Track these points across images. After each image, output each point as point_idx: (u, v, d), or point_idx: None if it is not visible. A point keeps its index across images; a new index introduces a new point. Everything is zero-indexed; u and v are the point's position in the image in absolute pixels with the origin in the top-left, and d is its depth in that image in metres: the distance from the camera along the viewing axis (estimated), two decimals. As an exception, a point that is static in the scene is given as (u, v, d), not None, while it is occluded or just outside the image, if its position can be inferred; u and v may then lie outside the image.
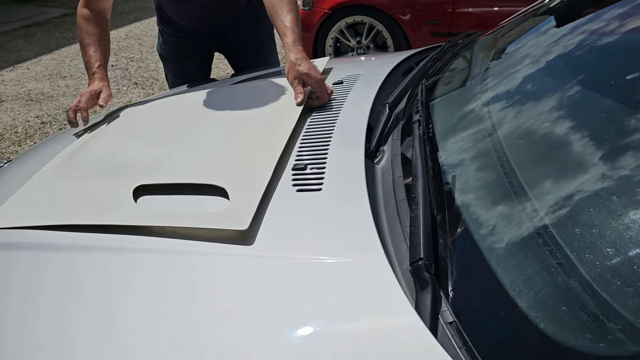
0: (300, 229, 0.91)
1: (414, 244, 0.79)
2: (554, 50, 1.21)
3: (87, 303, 0.86)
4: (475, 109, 1.13)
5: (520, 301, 0.68)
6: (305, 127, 1.26)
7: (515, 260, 0.74)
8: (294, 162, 1.10)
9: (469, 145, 1.04)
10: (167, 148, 1.25)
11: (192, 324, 0.78)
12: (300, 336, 0.73)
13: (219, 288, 0.83)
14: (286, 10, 1.48)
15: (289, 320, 0.75)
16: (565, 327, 0.64)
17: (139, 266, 0.91)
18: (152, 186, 1.09)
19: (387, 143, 1.17)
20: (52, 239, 1.01)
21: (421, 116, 1.11)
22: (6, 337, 0.83)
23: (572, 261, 0.69)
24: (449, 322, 0.71)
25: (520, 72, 1.19)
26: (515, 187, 0.85)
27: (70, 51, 5.76)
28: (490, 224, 0.82)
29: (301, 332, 0.73)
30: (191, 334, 0.76)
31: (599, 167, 0.80)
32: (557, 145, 0.90)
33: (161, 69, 4.86)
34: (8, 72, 5.17)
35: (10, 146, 3.57)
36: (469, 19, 3.72)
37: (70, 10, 7.68)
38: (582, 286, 0.65)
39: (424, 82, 1.34)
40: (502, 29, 1.59)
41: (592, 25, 1.24)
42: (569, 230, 0.73)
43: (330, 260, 0.83)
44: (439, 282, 0.75)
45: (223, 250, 0.89)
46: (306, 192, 1.00)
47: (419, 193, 0.88)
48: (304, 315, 0.75)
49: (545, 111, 0.99)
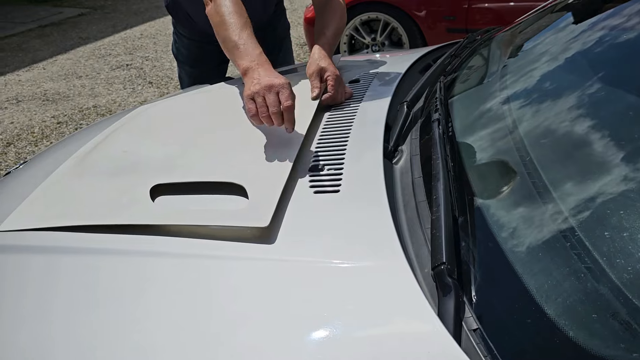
0: (319, 232, 0.90)
1: (436, 248, 0.76)
2: (575, 47, 1.18)
3: (104, 305, 0.85)
4: (495, 107, 1.10)
5: (547, 308, 0.65)
6: (322, 126, 1.24)
7: (541, 265, 0.71)
8: (311, 162, 1.08)
9: (490, 144, 1.01)
10: (183, 147, 1.24)
11: (209, 327, 0.77)
12: (318, 342, 0.71)
13: (237, 291, 0.82)
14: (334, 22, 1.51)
15: (306, 325, 0.73)
16: (596, 336, 0.61)
17: (156, 268, 0.90)
18: (169, 185, 1.08)
19: (405, 142, 1.15)
20: (68, 240, 1.00)
21: (440, 115, 1.09)
22: (22, 338, 0.83)
23: (602, 266, 0.66)
24: (473, 329, 0.68)
25: (540, 69, 1.16)
26: (540, 188, 0.83)
27: (86, 51, 5.79)
28: (514, 226, 0.80)
29: (319, 337, 0.72)
30: (208, 338, 0.75)
31: (628, 166, 0.77)
32: (582, 144, 0.87)
33: (176, 68, 4.87)
34: (24, 72, 5.21)
35: (27, 146, 3.59)
36: (485, 15, 3.67)
37: (86, 10, 7.73)
38: (613, 293, 0.63)
39: (443, 80, 1.32)
40: (521, 25, 1.56)
41: (613, 20, 1.21)
42: (598, 233, 0.71)
43: (350, 265, 0.81)
44: (462, 288, 0.73)
45: (243, 253, 0.88)
46: (324, 193, 0.98)
47: (439, 194, 0.86)
48: (322, 321, 0.73)
49: (568, 109, 0.96)
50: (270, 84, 1.11)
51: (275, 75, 1.14)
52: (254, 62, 1.18)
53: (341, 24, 1.55)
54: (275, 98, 1.10)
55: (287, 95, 1.10)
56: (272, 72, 1.16)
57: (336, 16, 1.53)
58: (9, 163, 3.38)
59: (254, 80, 1.14)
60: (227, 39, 1.26)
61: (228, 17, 1.27)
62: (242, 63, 1.20)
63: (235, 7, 1.29)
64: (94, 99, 4.36)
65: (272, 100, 1.10)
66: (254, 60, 1.19)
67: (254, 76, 1.15)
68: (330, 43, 1.47)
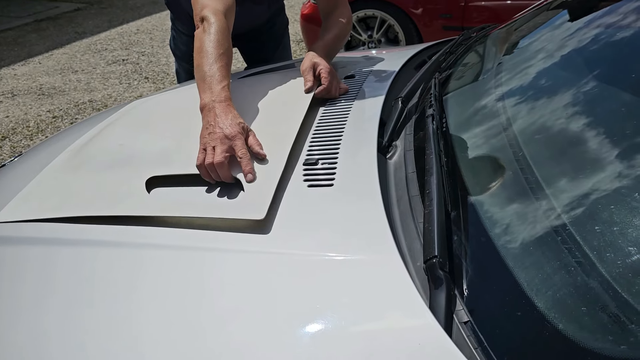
0: (313, 226, 0.90)
1: (428, 241, 0.77)
2: (571, 45, 1.19)
3: (98, 296, 0.86)
4: (489, 103, 1.10)
5: (537, 301, 0.66)
6: (317, 121, 1.24)
7: (532, 259, 0.72)
8: (305, 156, 1.08)
9: (483, 140, 1.02)
10: (178, 140, 1.24)
11: (202, 320, 0.77)
12: (311, 335, 0.71)
13: (231, 284, 0.82)
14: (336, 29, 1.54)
15: (299, 318, 0.74)
16: (585, 328, 0.62)
17: (151, 260, 0.90)
18: (164, 178, 1.08)
19: (399, 138, 1.15)
20: (64, 232, 1.01)
21: (435, 110, 1.09)
22: (17, 329, 0.83)
23: (592, 260, 0.67)
24: (464, 322, 0.69)
25: (535, 67, 1.17)
26: (532, 184, 0.83)
27: (82, 46, 5.78)
28: (506, 221, 0.80)
29: (312, 330, 0.72)
30: (201, 331, 0.75)
31: (619, 163, 0.78)
32: (575, 141, 0.88)
33: (172, 63, 4.86)
34: (20, 66, 5.20)
35: (22, 140, 3.58)
36: (482, 13, 3.68)
37: (82, 5, 7.70)
38: (603, 286, 0.63)
39: (437, 76, 1.32)
40: (516, 23, 1.56)
41: (609, 18, 1.21)
42: (588, 227, 0.71)
43: (343, 258, 0.81)
44: (453, 281, 0.74)
45: (237, 246, 0.88)
46: (318, 187, 0.98)
47: (432, 189, 0.86)
48: (315, 314, 0.74)
49: (562, 106, 0.96)
50: (223, 136, 1.07)
51: (229, 121, 1.10)
52: (213, 100, 1.15)
53: (343, 30, 1.56)
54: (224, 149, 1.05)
55: (241, 146, 1.06)
56: (228, 114, 1.12)
57: (339, 23, 1.55)
58: (4, 157, 3.37)
59: (208, 125, 1.11)
60: (199, 67, 1.24)
61: (207, 45, 1.25)
62: (202, 98, 1.18)
63: (218, 35, 1.27)
64: (89, 93, 4.35)
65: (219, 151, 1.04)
66: (214, 98, 1.15)
67: (209, 120, 1.12)
68: (328, 45, 1.49)
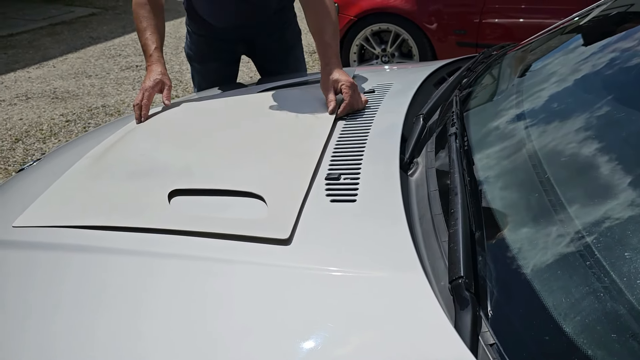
0: (334, 241, 0.90)
1: (454, 261, 0.77)
2: (594, 65, 1.19)
3: (111, 305, 0.86)
4: (512, 123, 1.10)
5: (565, 325, 0.65)
6: (338, 136, 1.24)
7: (559, 282, 0.71)
8: (327, 171, 1.08)
9: (506, 160, 1.01)
10: (200, 153, 1.24)
11: (217, 332, 0.77)
12: (332, 352, 0.71)
13: (248, 297, 0.82)
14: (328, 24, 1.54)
15: (321, 336, 0.73)
16: (614, 356, 0.61)
17: (167, 269, 0.90)
18: (187, 191, 1.08)
19: (421, 155, 1.15)
20: (79, 238, 1.01)
21: (457, 128, 1.09)
22: (28, 335, 0.83)
23: (620, 286, 0.66)
24: (489, 344, 0.68)
25: (557, 87, 1.16)
26: (556, 205, 0.83)
27: (96, 50, 5.82)
28: (531, 242, 0.80)
29: (332, 348, 0.71)
30: (215, 343, 0.75)
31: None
32: (600, 162, 0.87)
33: (185, 71, 4.89)
34: (34, 69, 5.24)
35: (35, 143, 3.60)
36: (496, 30, 3.69)
37: (97, 10, 7.77)
38: (632, 314, 0.63)
39: (458, 94, 1.32)
40: (537, 42, 1.56)
41: (629, 42, 1.21)
42: (617, 252, 0.71)
43: (366, 275, 0.81)
44: (479, 302, 0.73)
45: (256, 259, 0.88)
46: (340, 202, 0.98)
47: (457, 208, 0.86)
48: (336, 332, 0.73)
49: (587, 127, 0.96)
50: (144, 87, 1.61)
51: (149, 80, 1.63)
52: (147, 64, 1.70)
53: (335, 22, 1.57)
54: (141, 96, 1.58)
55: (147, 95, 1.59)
56: (150, 74, 1.65)
57: (329, 15, 1.55)
58: (17, 159, 3.39)
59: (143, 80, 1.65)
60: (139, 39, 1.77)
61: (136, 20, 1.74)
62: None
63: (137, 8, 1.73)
64: (102, 98, 4.37)
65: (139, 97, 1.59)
66: (147, 63, 1.70)
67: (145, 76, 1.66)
68: (334, 48, 1.50)
